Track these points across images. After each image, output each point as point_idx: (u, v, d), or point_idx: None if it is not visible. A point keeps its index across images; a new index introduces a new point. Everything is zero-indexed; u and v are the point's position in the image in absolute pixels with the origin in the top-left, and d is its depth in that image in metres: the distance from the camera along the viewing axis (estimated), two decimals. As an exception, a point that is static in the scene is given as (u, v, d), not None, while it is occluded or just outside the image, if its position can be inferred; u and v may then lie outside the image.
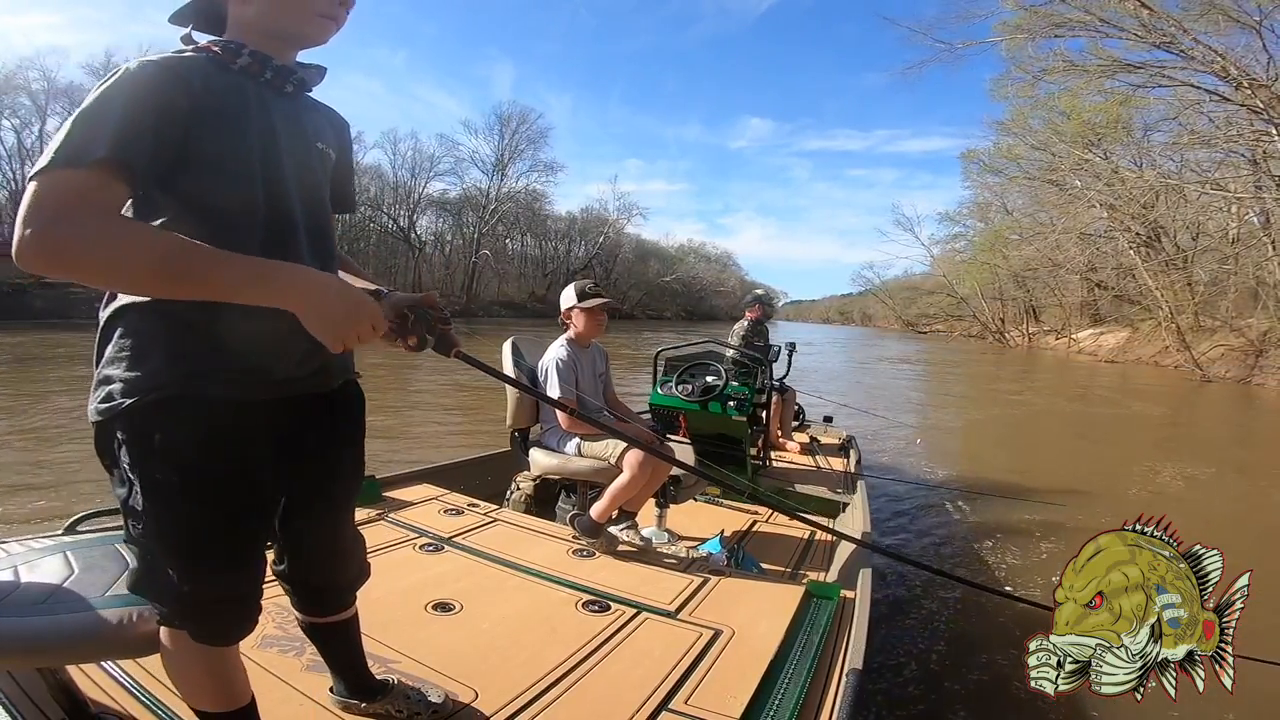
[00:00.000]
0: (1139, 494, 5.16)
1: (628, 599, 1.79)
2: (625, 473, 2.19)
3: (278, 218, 0.87)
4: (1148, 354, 20.50)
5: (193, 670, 0.94)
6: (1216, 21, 14.67)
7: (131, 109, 0.73)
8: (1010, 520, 4.04)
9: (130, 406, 0.82)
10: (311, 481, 1.01)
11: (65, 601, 0.96)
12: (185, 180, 0.79)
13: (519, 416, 2.56)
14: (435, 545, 2.07)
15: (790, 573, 2.49)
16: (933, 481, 5.07)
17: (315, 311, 0.77)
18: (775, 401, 4.10)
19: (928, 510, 4.30)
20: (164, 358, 0.82)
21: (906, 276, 50.66)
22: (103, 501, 1.95)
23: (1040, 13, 16.76)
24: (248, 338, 0.84)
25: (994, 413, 9.62)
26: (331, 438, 1.02)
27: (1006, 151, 25.56)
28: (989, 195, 32.40)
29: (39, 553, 1.10)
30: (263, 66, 0.87)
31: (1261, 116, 14.68)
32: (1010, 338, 33.99)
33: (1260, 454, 7.39)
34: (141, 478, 0.83)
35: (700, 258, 65.59)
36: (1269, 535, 4.20)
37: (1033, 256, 27.49)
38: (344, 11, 0.90)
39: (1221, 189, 17.37)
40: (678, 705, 1.32)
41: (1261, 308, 17.08)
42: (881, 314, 51.51)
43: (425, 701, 1.24)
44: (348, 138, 1.08)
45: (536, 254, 47.76)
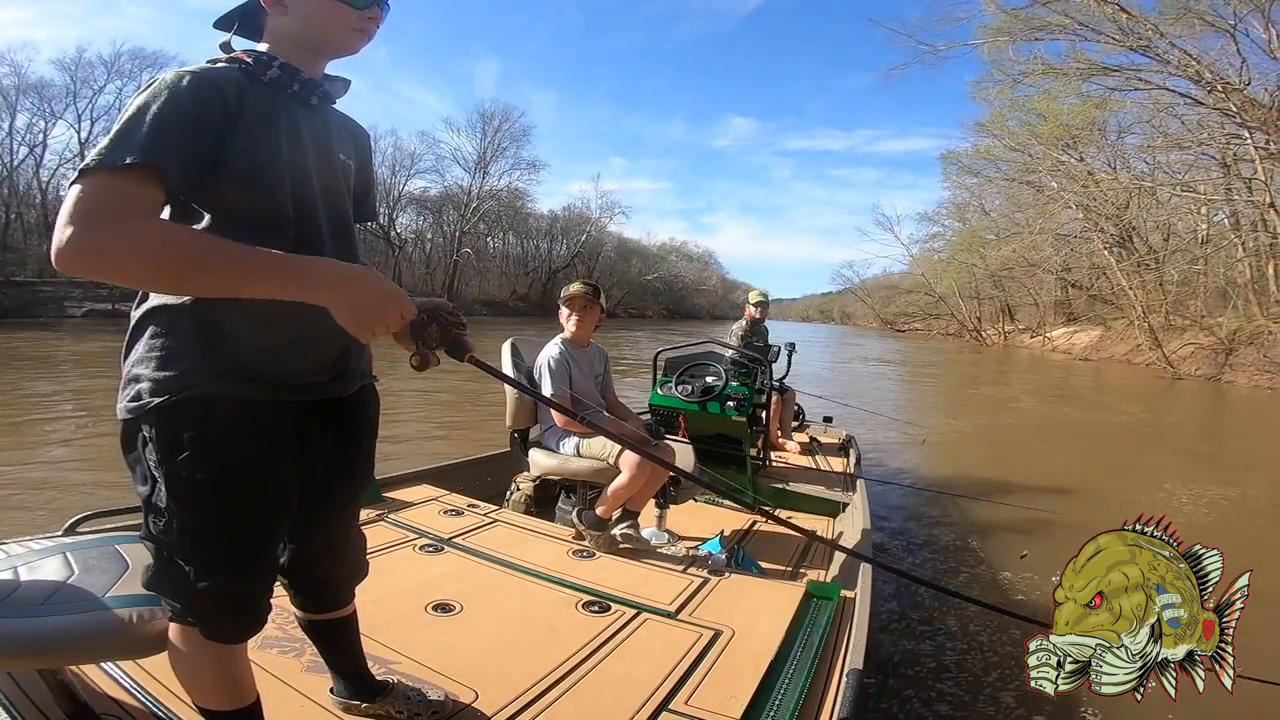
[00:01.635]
0: (1130, 493, 5.17)
1: (628, 599, 1.79)
2: (624, 473, 2.20)
3: (305, 227, 0.90)
4: (1120, 352, 20.91)
5: (201, 668, 0.95)
6: (1192, 25, 14.97)
7: (165, 116, 0.76)
8: (1009, 520, 4.04)
9: (159, 405, 0.84)
10: (325, 481, 1.02)
11: (65, 602, 0.96)
12: (219, 188, 0.82)
13: (518, 417, 2.56)
14: (435, 546, 2.07)
15: (790, 573, 2.49)
16: (932, 481, 5.07)
17: (346, 302, 0.80)
18: (775, 402, 4.09)
19: (927, 509, 4.30)
20: (194, 359, 0.84)
21: (885, 275, 50.83)
22: (101, 502, 1.95)
23: (1021, 16, 17.08)
24: (276, 342, 0.87)
25: (982, 412, 9.61)
26: (348, 438, 1.03)
27: (985, 153, 26.06)
28: (967, 196, 32.99)
29: (39, 553, 1.10)
30: (291, 79, 0.90)
31: (1234, 120, 14.98)
32: (987, 336, 34.42)
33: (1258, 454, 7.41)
34: (166, 475, 0.85)
35: (682, 256, 65.51)
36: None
37: (1009, 256, 28.06)
38: (374, 25, 0.94)
39: (1192, 191, 17.90)
40: (678, 705, 1.32)
41: (1231, 307, 17.62)
42: (861, 313, 51.59)
43: (425, 702, 1.24)
44: (368, 148, 1.11)
45: (518, 252, 47.46)
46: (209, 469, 0.84)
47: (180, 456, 0.84)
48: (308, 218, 0.91)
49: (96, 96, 25.31)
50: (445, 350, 0.95)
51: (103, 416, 5.83)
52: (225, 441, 0.85)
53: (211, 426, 0.84)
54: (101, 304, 20.10)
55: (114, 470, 4.16)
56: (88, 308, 19.99)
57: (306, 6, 0.89)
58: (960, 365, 19.32)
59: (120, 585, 1.01)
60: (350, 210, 1.02)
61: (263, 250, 0.77)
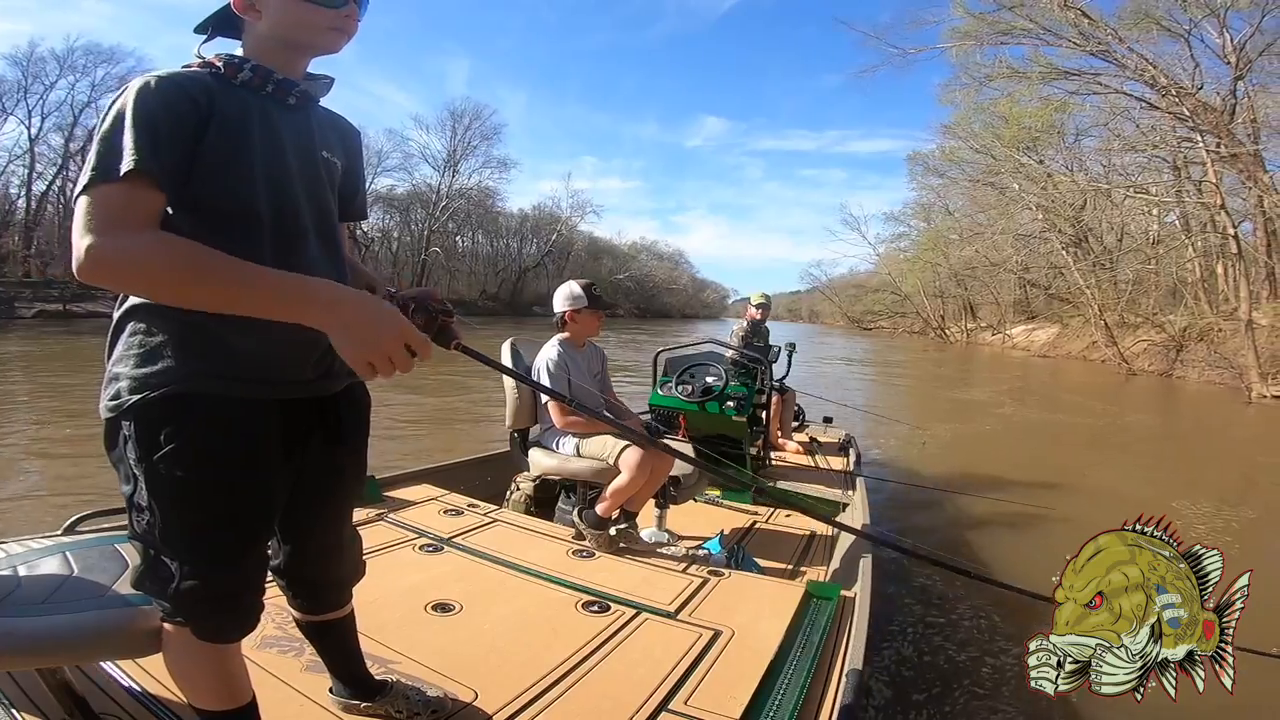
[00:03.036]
0: (1122, 488, 5.17)
1: (628, 599, 1.78)
2: (623, 473, 2.20)
3: (286, 226, 0.90)
4: (1077, 349, 21.68)
5: (194, 668, 0.95)
6: (1149, 30, 15.42)
7: (143, 123, 0.77)
8: (1008, 517, 4.06)
9: (137, 403, 0.84)
10: (313, 481, 1.01)
11: (65, 601, 0.96)
12: (193, 190, 0.82)
13: (519, 417, 2.56)
14: (435, 545, 2.07)
15: (790, 572, 2.49)
16: (931, 480, 5.08)
17: (339, 320, 0.78)
18: (775, 402, 4.10)
19: (927, 508, 4.31)
20: (172, 357, 0.84)
21: (852, 274, 51.17)
22: (96, 502, 1.95)
23: (987, 19, 17.39)
24: (256, 340, 0.86)
25: (963, 417, 9.63)
26: (335, 438, 1.02)
27: (950, 154, 26.66)
28: (932, 197, 33.62)
29: (38, 553, 1.10)
30: (264, 80, 0.90)
31: (1186, 124, 15.39)
32: (950, 334, 35.14)
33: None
34: (147, 473, 0.85)
35: (653, 255, 65.38)
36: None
37: (972, 256, 29.03)
38: (352, 22, 0.93)
39: (1145, 193, 18.58)
40: (678, 705, 1.32)
41: (1182, 305, 18.35)
42: (828, 311, 51.77)
43: (425, 701, 1.24)
44: (356, 146, 1.10)
45: (488, 251, 46.92)
46: (187, 467, 0.84)
47: (158, 454, 0.83)
48: (288, 217, 0.90)
49: (48, 92, 24.35)
50: (433, 338, 0.93)
51: (59, 418, 5.83)
52: (204, 440, 0.85)
53: (190, 424, 0.84)
54: (53, 304, 19.78)
55: (68, 474, 4.17)
56: (38, 308, 19.57)
57: (280, 10, 0.89)
58: (926, 364, 19.53)
59: (120, 585, 1.00)
60: (335, 209, 1.01)
61: (269, 272, 0.78)
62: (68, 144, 23.40)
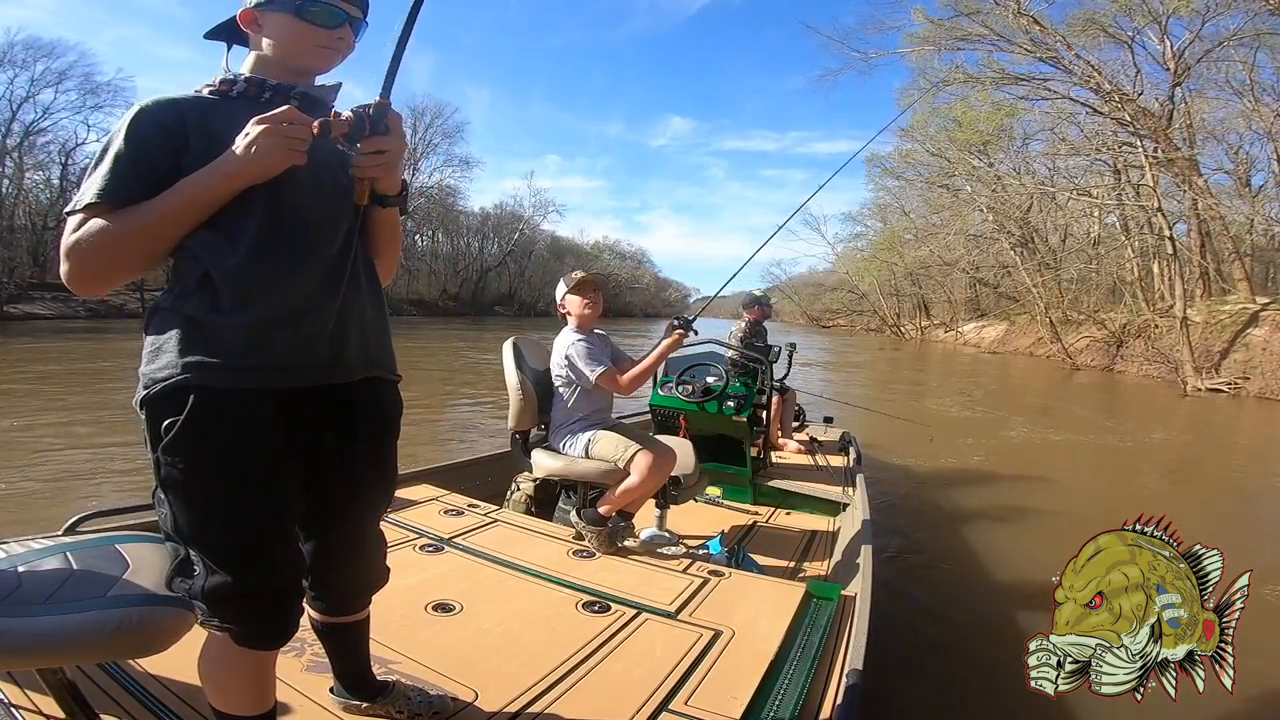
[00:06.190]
0: (1116, 484, 5.18)
1: (628, 599, 1.78)
2: (634, 476, 2.18)
3: (278, 221, 0.91)
4: (1024, 345, 22.65)
5: (227, 674, 0.96)
6: (1096, 36, 16.05)
7: (114, 154, 0.85)
8: (1008, 515, 4.06)
9: (143, 398, 0.88)
10: (330, 480, 1.01)
11: (65, 602, 0.96)
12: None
13: (522, 418, 2.55)
14: (435, 546, 2.07)
15: (790, 572, 2.49)
16: (930, 479, 5.08)
17: (248, 151, 0.84)
18: (775, 402, 4.09)
19: (927, 507, 4.31)
20: (174, 351, 0.87)
21: (812, 273, 51.80)
22: (100, 502, 1.95)
23: (945, 25, 17.91)
24: (249, 325, 0.88)
25: (955, 411, 9.63)
26: (350, 434, 1.01)
27: (907, 157, 27.24)
28: (889, 198, 34.16)
29: (39, 553, 1.09)
30: (260, 90, 0.95)
31: (1127, 129, 15.99)
32: (906, 331, 35.96)
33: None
34: (156, 467, 0.88)
35: (615, 255, 64.70)
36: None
37: (926, 256, 29.83)
38: (344, 43, 0.98)
39: (1088, 195, 19.33)
40: (678, 706, 1.32)
41: (1121, 303, 19.13)
42: (788, 309, 51.87)
43: (425, 701, 1.24)
44: None
45: (449, 251, 45.87)
46: (189, 459, 0.86)
47: (161, 447, 0.86)
48: (284, 213, 0.91)
49: (-13, 89, 23.01)
50: (370, 125, 0.88)
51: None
52: (202, 432, 0.86)
53: (188, 416, 0.86)
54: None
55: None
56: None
57: (278, 28, 0.95)
58: (881, 365, 19.56)
59: (120, 585, 1.00)
60: (339, 206, 0.99)
61: (180, 183, 0.86)
62: (4, 139, 22.11)
